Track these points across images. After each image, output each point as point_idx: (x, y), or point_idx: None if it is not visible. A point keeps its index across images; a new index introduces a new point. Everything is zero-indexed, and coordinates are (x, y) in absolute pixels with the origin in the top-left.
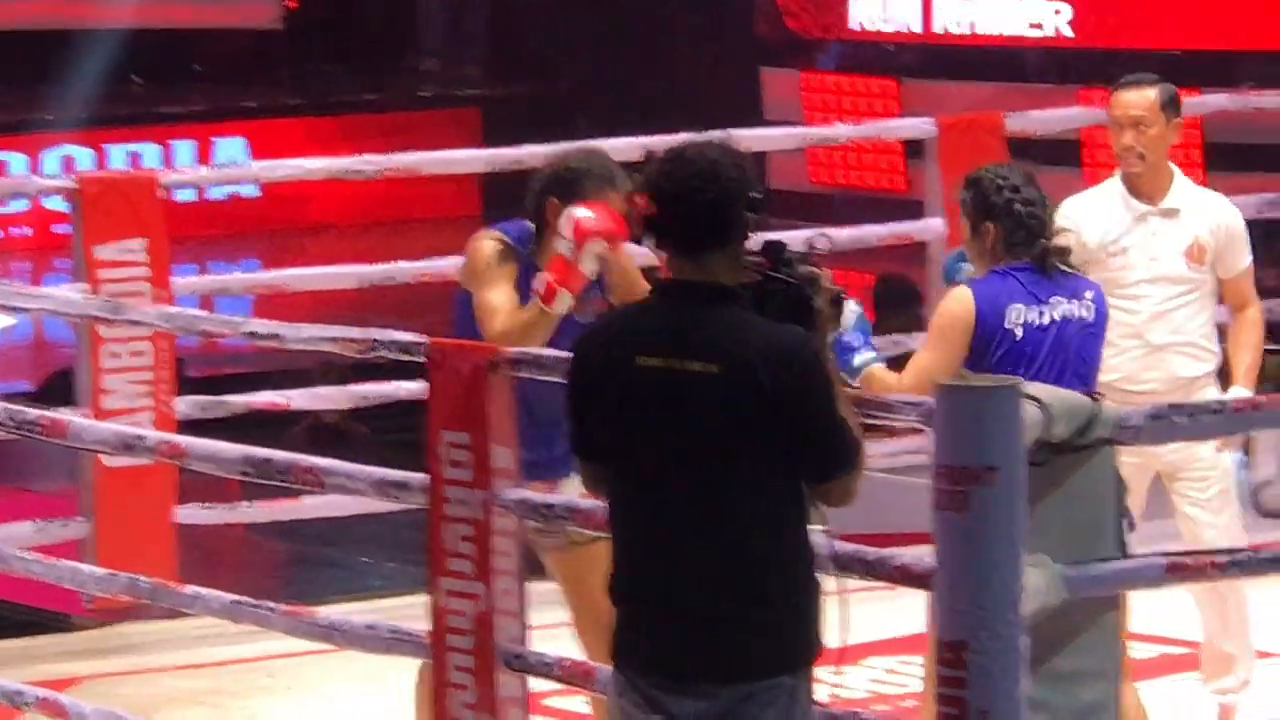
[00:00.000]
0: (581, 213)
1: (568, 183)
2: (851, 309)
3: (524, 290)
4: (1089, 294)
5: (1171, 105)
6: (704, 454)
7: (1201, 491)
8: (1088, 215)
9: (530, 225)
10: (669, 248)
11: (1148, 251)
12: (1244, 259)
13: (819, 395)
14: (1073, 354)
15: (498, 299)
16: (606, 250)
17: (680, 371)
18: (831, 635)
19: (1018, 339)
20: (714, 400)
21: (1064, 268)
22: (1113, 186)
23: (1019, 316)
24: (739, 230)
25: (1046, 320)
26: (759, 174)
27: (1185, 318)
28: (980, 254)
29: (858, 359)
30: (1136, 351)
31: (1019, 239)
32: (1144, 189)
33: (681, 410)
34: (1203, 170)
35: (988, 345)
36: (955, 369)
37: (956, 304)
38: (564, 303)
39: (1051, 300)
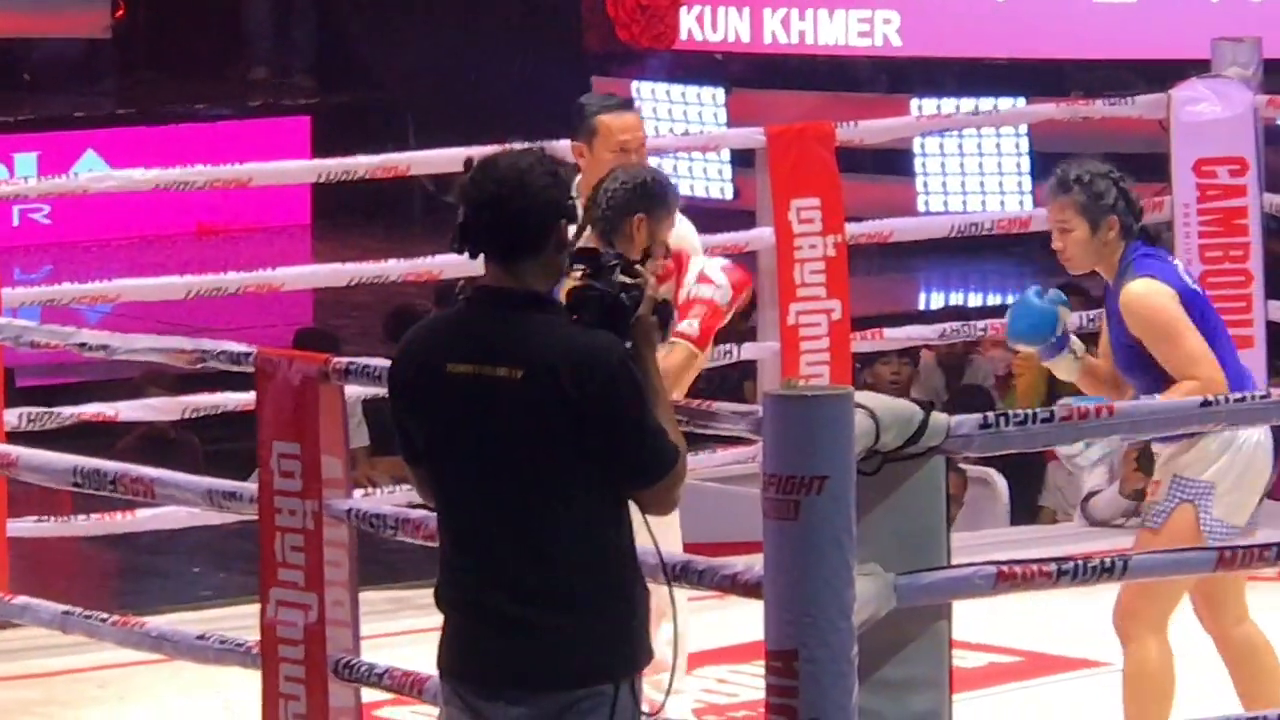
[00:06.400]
0: (726, 263)
1: (655, 196)
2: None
3: None
4: None
5: None
6: (513, 460)
7: None
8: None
9: None
10: (485, 255)
11: None
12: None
13: (626, 401)
14: None
15: None
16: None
17: (488, 378)
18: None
19: (1197, 296)
20: (520, 406)
21: None
22: None
23: (1186, 277)
24: (551, 238)
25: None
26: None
27: None
28: (1101, 246)
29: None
30: None
31: (1130, 222)
32: None
33: (490, 416)
34: (1031, 179)
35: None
36: None
37: (1160, 292)
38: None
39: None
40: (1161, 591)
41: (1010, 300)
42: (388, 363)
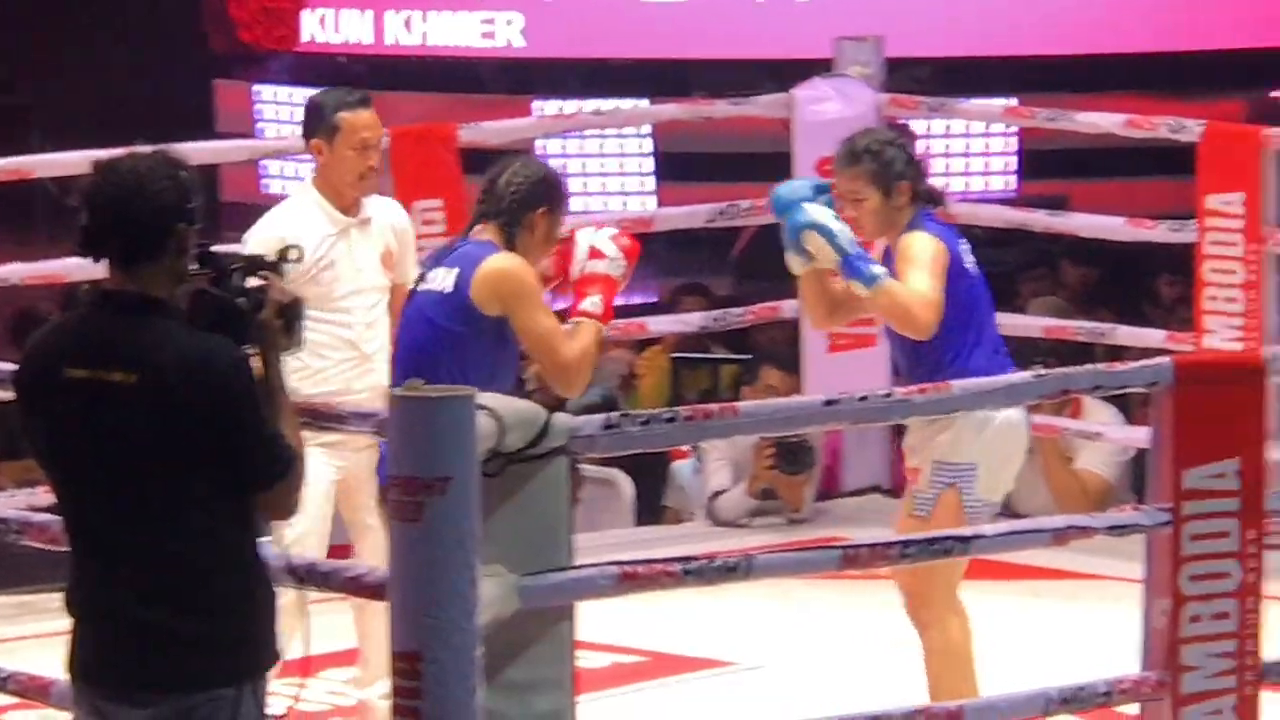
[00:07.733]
0: (613, 232)
1: (557, 190)
2: (843, 229)
3: None
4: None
5: None
6: (131, 465)
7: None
8: (296, 231)
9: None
10: (108, 259)
11: (353, 263)
12: (415, 265)
13: (238, 405)
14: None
15: (553, 322)
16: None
17: (103, 382)
18: (293, 646)
19: (972, 276)
20: (134, 411)
21: None
22: (307, 202)
23: (967, 256)
24: (170, 242)
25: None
26: (209, 186)
27: (386, 324)
28: (894, 212)
29: (875, 269)
30: (350, 362)
31: (920, 187)
32: (346, 202)
33: (106, 421)
34: (655, 179)
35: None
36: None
37: (935, 241)
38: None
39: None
40: (944, 570)
41: (634, 301)
42: (11, 367)
